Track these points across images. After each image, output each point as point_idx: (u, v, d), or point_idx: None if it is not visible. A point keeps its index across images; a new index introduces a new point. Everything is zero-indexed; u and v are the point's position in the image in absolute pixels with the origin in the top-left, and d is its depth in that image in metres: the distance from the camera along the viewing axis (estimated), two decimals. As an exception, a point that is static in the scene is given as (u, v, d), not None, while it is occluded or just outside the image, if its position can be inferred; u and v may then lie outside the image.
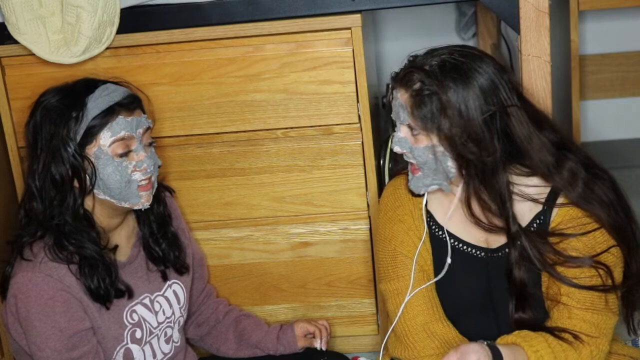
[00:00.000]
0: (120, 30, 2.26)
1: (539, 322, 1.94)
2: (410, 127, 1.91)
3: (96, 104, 2.02)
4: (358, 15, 2.26)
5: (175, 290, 2.20)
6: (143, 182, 2.05)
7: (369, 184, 2.39)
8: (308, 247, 2.45)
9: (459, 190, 1.95)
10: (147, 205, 2.07)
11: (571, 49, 2.94)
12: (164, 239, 2.19)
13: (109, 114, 2.02)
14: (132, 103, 2.07)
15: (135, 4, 2.26)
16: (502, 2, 2.21)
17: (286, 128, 2.36)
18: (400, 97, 1.91)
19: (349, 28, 2.27)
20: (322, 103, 2.33)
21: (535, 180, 1.92)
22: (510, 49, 2.86)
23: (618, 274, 1.91)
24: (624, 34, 3.30)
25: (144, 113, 2.11)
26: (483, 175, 1.87)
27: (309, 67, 2.31)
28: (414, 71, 1.88)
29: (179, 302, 2.21)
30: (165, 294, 2.17)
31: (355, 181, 2.39)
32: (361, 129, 2.35)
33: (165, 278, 2.18)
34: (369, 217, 2.42)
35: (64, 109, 2.03)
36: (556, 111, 2.32)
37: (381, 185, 2.53)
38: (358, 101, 2.33)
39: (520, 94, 1.92)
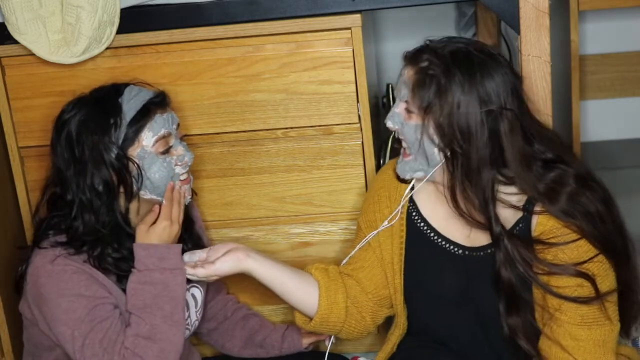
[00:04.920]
0: (120, 30, 2.26)
1: (533, 331, 1.92)
2: (408, 105, 1.91)
3: (129, 106, 2.04)
4: (358, 15, 2.26)
5: (193, 293, 2.21)
6: (183, 176, 2.08)
7: (369, 184, 2.39)
8: (308, 247, 2.45)
9: (437, 172, 1.93)
10: (189, 199, 2.11)
11: (571, 49, 2.94)
12: (189, 239, 2.21)
13: (146, 114, 2.03)
14: (163, 100, 2.09)
15: (135, 4, 2.26)
16: (502, 2, 2.21)
17: (286, 128, 2.36)
18: (406, 74, 1.92)
19: (349, 28, 2.27)
20: (322, 103, 2.34)
21: (513, 189, 1.91)
22: (510, 49, 2.86)
23: (610, 282, 1.88)
24: (624, 34, 3.30)
25: (172, 109, 2.13)
26: (468, 169, 1.86)
27: (309, 67, 2.31)
28: (425, 51, 1.90)
29: (196, 305, 2.21)
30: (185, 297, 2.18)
31: (355, 181, 2.39)
32: (361, 129, 2.35)
33: (188, 280, 2.17)
34: (369, 217, 2.42)
35: (101, 116, 2.03)
36: (556, 111, 2.32)
37: (381, 185, 2.54)
38: (358, 101, 2.33)
39: (521, 104, 1.90)
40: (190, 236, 2.22)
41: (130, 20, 2.27)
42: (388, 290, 2.06)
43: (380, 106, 2.80)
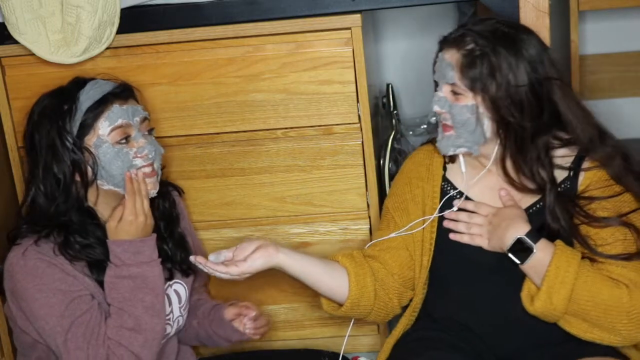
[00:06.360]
0: (120, 30, 2.27)
1: None
2: (453, 87, 1.96)
3: (88, 95, 2.05)
4: (358, 15, 2.26)
5: (176, 289, 2.21)
6: (146, 169, 2.06)
7: (369, 184, 2.39)
8: (308, 247, 2.45)
9: (493, 154, 1.99)
10: (153, 193, 2.09)
11: (571, 49, 2.93)
12: (170, 238, 2.20)
13: (103, 103, 2.05)
14: (124, 92, 2.10)
15: (135, 4, 2.26)
16: (502, 2, 2.21)
17: (286, 128, 2.36)
18: (449, 58, 1.96)
19: (349, 28, 2.27)
20: (322, 103, 2.33)
21: (562, 151, 1.99)
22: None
23: None
24: (624, 34, 3.29)
25: (138, 103, 2.12)
26: (522, 138, 1.94)
27: (309, 67, 2.31)
28: (467, 33, 1.96)
29: (179, 302, 2.21)
30: (166, 292, 2.17)
31: (355, 181, 2.39)
32: (361, 129, 2.35)
33: (170, 277, 2.18)
34: (369, 217, 2.42)
35: (57, 105, 2.06)
36: (556, 111, 2.32)
37: (381, 185, 2.54)
38: (358, 101, 2.33)
39: (558, 70, 2.00)
40: (172, 234, 2.21)
41: (130, 20, 2.27)
42: (412, 272, 2.10)
43: (380, 106, 2.80)
